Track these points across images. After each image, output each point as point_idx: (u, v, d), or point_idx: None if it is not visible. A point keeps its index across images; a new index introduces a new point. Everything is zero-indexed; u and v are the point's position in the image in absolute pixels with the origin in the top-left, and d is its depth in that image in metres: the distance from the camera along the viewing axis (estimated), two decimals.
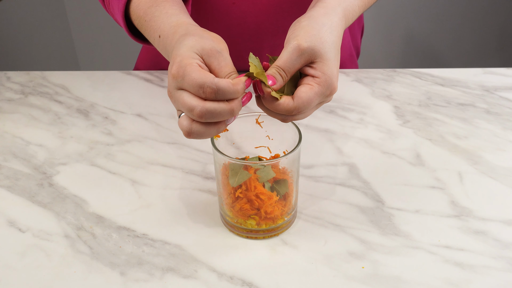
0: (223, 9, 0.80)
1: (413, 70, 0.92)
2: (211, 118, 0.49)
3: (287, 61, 0.52)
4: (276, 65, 0.52)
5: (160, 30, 0.58)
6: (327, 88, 0.52)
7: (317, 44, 0.52)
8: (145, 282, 0.54)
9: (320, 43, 0.53)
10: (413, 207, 0.63)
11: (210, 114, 0.48)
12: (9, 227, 0.61)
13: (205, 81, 0.48)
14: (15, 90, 0.88)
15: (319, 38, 0.53)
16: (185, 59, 0.50)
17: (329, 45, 0.53)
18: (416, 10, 2.04)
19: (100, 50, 2.08)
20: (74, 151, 0.73)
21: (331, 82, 0.52)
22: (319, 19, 0.55)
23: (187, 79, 0.49)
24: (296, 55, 0.52)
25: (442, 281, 0.53)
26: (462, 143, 0.74)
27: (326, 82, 0.52)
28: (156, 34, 0.59)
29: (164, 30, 0.58)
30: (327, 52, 0.53)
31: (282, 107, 0.51)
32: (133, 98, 0.85)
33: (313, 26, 0.54)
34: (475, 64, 2.11)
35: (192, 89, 0.49)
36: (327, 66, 0.52)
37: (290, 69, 0.52)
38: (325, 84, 0.52)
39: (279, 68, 0.52)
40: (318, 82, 0.52)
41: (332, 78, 0.52)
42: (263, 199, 0.56)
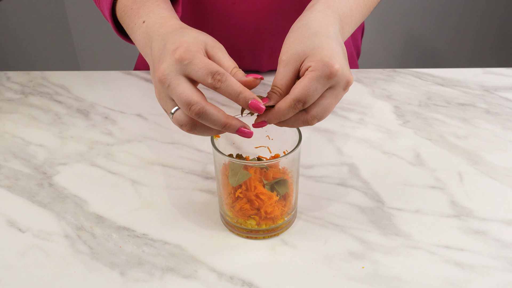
0: (223, 10, 0.80)
1: (413, 70, 0.92)
2: (204, 121, 0.48)
3: (277, 76, 0.52)
4: (272, 85, 0.52)
5: (146, 17, 0.57)
6: (322, 70, 0.49)
7: (296, 47, 0.52)
8: (145, 282, 0.54)
9: (299, 43, 0.52)
10: (413, 207, 0.63)
11: (204, 116, 0.48)
12: (9, 227, 0.61)
13: (218, 69, 0.47)
14: (15, 90, 0.88)
15: (297, 40, 0.53)
16: (193, 45, 0.49)
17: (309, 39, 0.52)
18: (416, 10, 2.04)
19: (100, 50, 2.08)
20: (74, 151, 0.73)
21: (324, 62, 0.49)
22: (294, 26, 0.55)
23: (197, 63, 0.48)
24: (282, 67, 0.52)
25: (442, 281, 0.53)
26: (462, 143, 0.74)
27: (319, 64, 0.49)
28: (139, 20, 0.58)
29: (152, 18, 0.56)
30: (309, 45, 0.52)
31: (283, 108, 0.50)
32: (133, 98, 0.85)
33: (291, 35, 0.54)
34: (475, 64, 2.11)
35: (201, 74, 0.47)
36: (315, 54, 0.51)
37: (281, 81, 0.51)
38: (318, 67, 0.49)
39: (272, 86, 0.52)
40: (311, 69, 0.50)
41: (325, 59, 0.50)
42: (263, 199, 0.56)
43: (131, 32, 0.60)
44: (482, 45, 2.13)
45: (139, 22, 0.58)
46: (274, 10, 0.80)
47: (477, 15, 2.05)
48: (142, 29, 0.57)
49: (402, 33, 2.10)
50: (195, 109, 0.47)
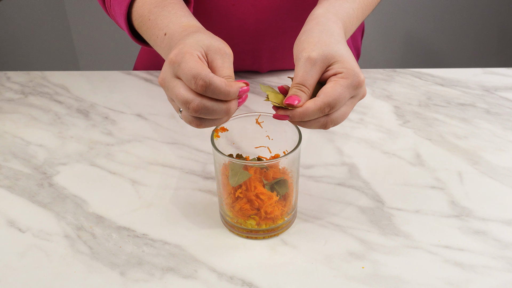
0: (223, 11, 0.80)
1: (413, 70, 0.92)
2: (204, 114, 0.48)
3: (303, 74, 0.52)
4: (295, 83, 0.52)
5: (167, 29, 0.57)
6: (353, 79, 0.51)
7: (324, 49, 0.52)
8: (145, 282, 0.54)
9: (327, 47, 0.53)
10: (413, 207, 0.63)
11: (204, 110, 0.48)
12: (9, 227, 0.61)
13: (200, 72, 0.47)
14: (15, 90, 0.88)
15: (324, 43, 0.53)
16: (187, 47, 0.49)
17: (336, 45, 0.53)
18: (416, 10, 2.04)
19: (100, 50, 2.08)
20: (74, 151, 0.73)
21: (355, 72, 0.51)
22: (314, 29, 0.56)
23: (183, 67, 0.48)
24: (310, 65, 0.52)
25: (442, 281, 0.53)
26: (462, 143, 0.74)
27: (350, 73, 0.51)
28: (161, 32, 0.58)
29: (172, 28, 0.57)
30: (337, 51, 0.53)
31: (312, 109, 0.50)
32: (133, 98, 0.85)
33: (313, 35, 0.54)
34: (475, 64, 2.11)
35: (185, 78, 0.47)
36: (345, 61, 0.52)
37: (309, 81, 0.51)
38: (350, 75, 0.51)
39: (298, 84, 0.51)
40: (341, 76, 0.51)
41: (355, 69, 0.51)
42: (263, 199, 0.56)
43: (154, 45, 0.60)
44: (482, 45, 2.13)
45: (161, 35, 0.58)
46: (274, 12, 0.80)
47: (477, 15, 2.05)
48: (165, 42, 0.57)
49: (402, 33, 2.10)
50: (193, 106, 0.47)
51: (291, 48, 0.86)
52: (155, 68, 0.95)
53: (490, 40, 2.13)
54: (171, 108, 0.82)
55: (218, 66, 0.50)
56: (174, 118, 0.80)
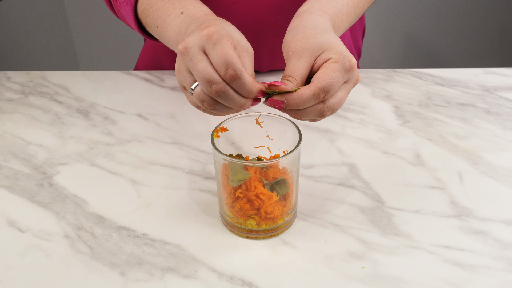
0: (223, 9, 0.80)
1: (413, 70, 0.92)
2: (223, 100, 0.48)
3: (290, 68, 0.51)
4: (285, 75, 0.51)
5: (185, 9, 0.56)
6: (344, 62, 0.50)
7: (310, 41, 0.52)
8: (145, 282, 0.54)
9: (312, 39, 0.52)
10: (413, 207, 0.63)
11: (225, 95, 0.47)
12: (9, 227, 0.61)
13: (235, 62, 0.46)
14: (15, 90, 0.88)
15: (309, 36, 0.53)
16: (224, 30, 0.48)
17: (322, 35, 0.53)
18: (416, 10, 2.04)
19: (100, 50, 2.08)
20: (74, 151, 0.73)
21: (344, 55, 0.50)
22: (298, 25, 0.56)
23: (218, 49, 0.46)
24: (296, 59, 0.51)
25: (442, 281, 0.53)
26: (462, 143, 0.74)
27: (340, 57, 0.50)
28: (176, 11, 0.56)
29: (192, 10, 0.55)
30: (324, 40, 0.52)
31: (305, 96, 0.49)
32: (133, 98, 0.85)
33: (298, 33, 0.54)
34: (475, 64, 2.11)
35: (217, 61, 0.46)
36: (333, 48, 0.51)
37: (296, 72, 0.51)
38: (339, 59, 0.50)
39: (286, 76, 0.51)
40: (332, 61, 0.50)
41: (344, 53, 0.51)
42: (263, 199, 0.56)
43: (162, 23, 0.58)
44: (482, 45, 2.13)
45: (176, 13, 0.56)
46: (274, 10, 0.80)
47: (477, 15, 2.05)
48: (179, 18, 0.55)
49: (402, 33, 2.10)
50: (216, 88, 0.46)
51: None
52: (156, 68, 0.95)
53: (490, 40, 2.13)
54: (171, 108, 0.82)
55: (245, 63, 0.50)
56: (174, 118, 0.80)
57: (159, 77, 0.91)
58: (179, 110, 0.81)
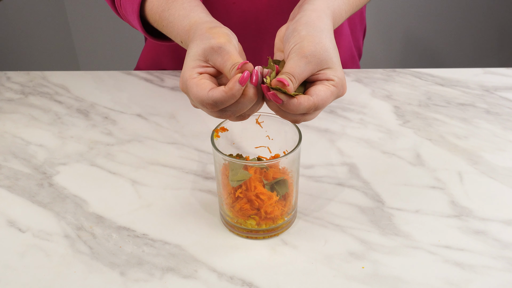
0: (223, 9, 0.80)
1: (413, 70, 0.92)
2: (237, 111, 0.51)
3: (295, 68, 0.52)
4: (286, 71, 0.52)
5: (179, 37, 0.60)
6: (340, 90, 0.53)
7: (322, 52, 0.53)
8: (145, 282, 0.54)
9: (324, 51, 0.53)
10: (413, 207, 0.63)
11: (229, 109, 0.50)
12: (9, 227, 0.61)
13: (202, 97, 0.49)
14: (15, 90, 0.88)
15: (322, 46, 0.53)
16: (186, 72, 0.52)
17: (332, 51, 0.54)
18: (416, 10, 2.04)
19: (100, 50, 2.08)
20: (74, 151, 0.73)
21: (343, 84, 0.53)
22: (316, 24, 0.55)
23: (191, 95, 0.51)
24: (304, 63, 0.52)
25: (442, 281, 0.53)
26: (462, 143, 0.74)
27: (340, 84, 0.53)
28: (178, 40, 0.61)
29: (182, 36, 0.59)
30: (333, 57, 0.54)
31: (302, 106, 0.50)
32: (133, 98, 0.85)
33: (314, 34, 0.54)
34: (475, 64, 2.11)
35: (197, 104, 0.51)
36: (337, 71, 0.53)
37: (299, 75, 0.52)
38: (339, 85, 0.53)
39: (288, 73, 0.51)
40: (333, 83, 0.52)
41: (343, 80, 0.54)
42: (263, 199, 0.56)
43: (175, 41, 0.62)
44: (482, 45, 2.13)
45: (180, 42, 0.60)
46: (274, 10, 0.80)
47: (477, 15, 2.05)
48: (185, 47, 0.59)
49: (403, 33, 2.10)
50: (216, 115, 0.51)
51: None
52: (157, 67, 0.95)
53: (490, 40, 2.13)
54: (171, 108, 0.82)
55: (220, 64, 0.51)
56: (174, 118, 0.80)
57: (159, 77, 0.91)
58: (179, 110, 0.81)
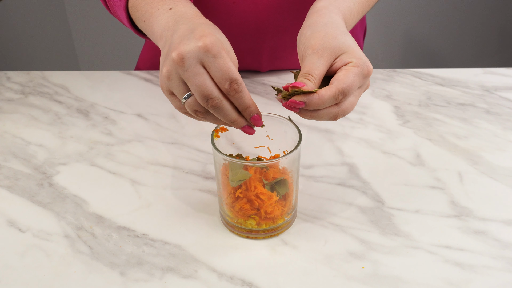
0: (223, 8, 0.80)
1: (413, 70, 0.92)
2: (217, 113, 0.48)
3: (310, 65, 0.51)
4: (302, 73, 0.52)
5: (174, 5, 0.56)
6: (363, 67, 0.51)
7: (331, 41, 0.52)
8: (145, 282, 0.54)
9: (333, 39, 0.53)
10: (413, 207, 0.63)
11: (220, 110, 0.48)
12: (9, 227, 0.61)
13: (238, 78, 0.47)
14: (15, 90, 0.88)
15: (330, 36, 0.53)
16: (221, 42, 0.48)
17: (342, 37, 0.53)
18: (416, 10, 2.04)
19: (100, 50, 2.08)
20: (74, 151, 0.73)
21: (364, 61, 0.52)
22: (318, 22, 0.56)
23: (220, 63, 0.47)
24: (316, 58, 0.52)
25: (442, 281, 0.53)
26: (462, 143, 0.74)
27: (360, 62, 0.51)
28: (165, 6, 0.56)
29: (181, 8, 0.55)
30: (344, 42, 0.53)
31: (326, 97, 0.49)
32: (133, 98, 0.85)
33: (318, 29, 0.54)
34: (475, 64, 2.11)
35: (219, 75, 0.47)
36: (353, 51, 0.52)
37: (315, 70, 0.51)
38: (360, 64, 0.51)
39: (304, 74, 0.51)
40: (352, 65, 0.51)
41: (363, 58, 0.52)
42: (263, 199, 0.56)
43: (150, 17, 0.57)
44: (482, 45, 2.13)
45: (164, 8, 0.56)
46: (275, 10, 0.80)
47: (477, 15, 2.05)
48: (167, 14, 0.55)
49: (403, 33, 2.10)
50: (214, 104, 0.47)
51: (291, 48, 0.86)
52: (157, 67, 0.95)
53: (490, 40, 2.13)
54: (171, 108, 0.82)
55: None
56: (174, 118, 0.80)
57: (159, 77, 0.90)
58: None
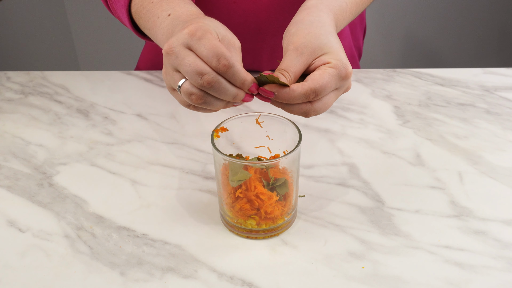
0: (224, 8, 0.80)
1: (413, 70, 0.92)
2: (215, 91, 0.47)
3: (287, 62, 0.51)
4: (278, 69, 0.51)
5: (172, 10, 0.56)
6: (341, 69, 0.51)
7: (313, 41, 0.52)
8: (145, 282, 0.54)
9: (316, 39, 0.52)
10: (413, 207, 0.63)
11: (218, 86, 0.47)
12: (9, 227, 0.61)
13: (225, 52, 0.46)
14: (15, 90, 0.88)
15: (313, 35, 0.53)
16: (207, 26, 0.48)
17: (326, 37, 0.53)
18: (416, 10, 2.04)
19: (100, 50, 2.08)
20: (74, 151, 0.73)
21: (343, 63, 0.51)
22: (305, 19, 0.55)
23: (205, 42, 0.46)
24: (295, 55, 0.51)
25: (442, 281, 0.53)
26: (462, 143, 0.74)
27: (339, 64, 0.51)
28: (164, 13, 0.57)
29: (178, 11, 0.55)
30: (327, 43, 0.52)
31: (297, 92, 0.49)
32: (133, 98, 0.85)
33: (303, 27, 0.54)
34: (475, 64, 2.11)
35: (206, 54, 0.46)
36: (334, 52, 0.51)
37: (292, 68, 0.51)
38: (338, 65, 0.50)
39: (280, 69, 0.51)
40: (330, 65, 0.51)
41: (343, 60, 0.51)
42: (263, 199, 0.56)
43: (153, 26, 0.58)
44: (482, 45, 2.13)
45: (164, 15, 0.56)
46: (275, 10, 0.80)
47: (477, 15, 2.05)
48: (167, 21, 0.55)
49: (403, 33, 2.10)
50: (208, 79, 0.46)
51: None
52: (157, 68, 0.95)
53: (490, 40, 2.13)
54: (171, 108, 0.82)
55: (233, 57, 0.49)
56: (174, 118, 0.80)
57: (159, 77, 0.91)
58: (179, 110, 0.81)
